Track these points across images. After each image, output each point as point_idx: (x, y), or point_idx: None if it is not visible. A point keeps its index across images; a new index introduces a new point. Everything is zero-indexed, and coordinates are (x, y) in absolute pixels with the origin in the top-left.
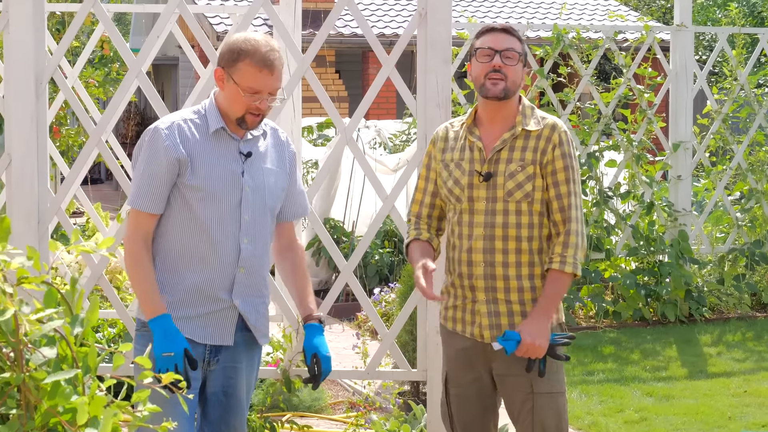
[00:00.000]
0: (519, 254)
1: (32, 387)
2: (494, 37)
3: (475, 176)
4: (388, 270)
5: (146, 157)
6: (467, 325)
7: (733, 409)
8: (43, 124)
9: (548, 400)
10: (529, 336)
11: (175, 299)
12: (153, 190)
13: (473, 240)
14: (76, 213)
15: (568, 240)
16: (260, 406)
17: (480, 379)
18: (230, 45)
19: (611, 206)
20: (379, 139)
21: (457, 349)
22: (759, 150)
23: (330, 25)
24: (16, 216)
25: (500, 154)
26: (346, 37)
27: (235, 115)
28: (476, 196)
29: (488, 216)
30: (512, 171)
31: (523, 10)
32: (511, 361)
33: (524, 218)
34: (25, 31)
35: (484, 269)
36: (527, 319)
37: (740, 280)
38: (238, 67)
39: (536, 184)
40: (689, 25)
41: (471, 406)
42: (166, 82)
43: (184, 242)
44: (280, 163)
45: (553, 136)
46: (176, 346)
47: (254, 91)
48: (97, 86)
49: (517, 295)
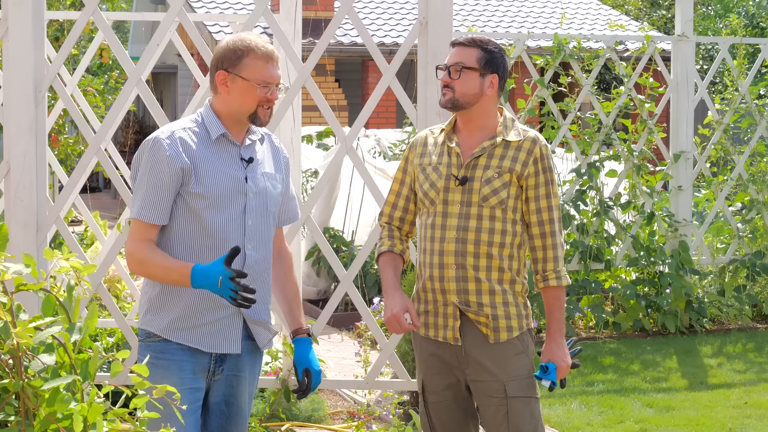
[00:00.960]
0: (489, 259)
1: (31, 394)
2: (450, 53)
3: (451, 180)
4: None
5: (149, 168)
6: (439, 329)
7: (733, 420)
8: (42, 132)
9: (523, 404)
10: (562, 361)
11: (182, 308)
12: (158, 201)
13: (445, 243)
14: (74, 221)
15: (556, 254)
16: (260, 415)
17: (456, 385)
18: (228, 46)
19: (612, 216)
20: (379, 148)
21: (430, 355)
22: (760, 160)
23: (330, 34)
24: (14, 224)
25: (478, 161)
26: (346, 46)
27: (248, 111)
28: (451, 200)
29: (462, 220)
30: (489, 177)
31: (524, 20)
32: (486, 366)
33: (497, 224)
34: (25, 38)
35: (456, 272)
36: (548, 345)
37: (741, 291)
38: (245, 63)
39: (511, 192)
40: (690, 36)
41: (450, 412)
42: (166, 90)
43: (191, 250)
44: (277, 168)
45: (535, 150)
46: (215, 274)
47: (265, 83)
48: (96, 95)
49: (488, 298)
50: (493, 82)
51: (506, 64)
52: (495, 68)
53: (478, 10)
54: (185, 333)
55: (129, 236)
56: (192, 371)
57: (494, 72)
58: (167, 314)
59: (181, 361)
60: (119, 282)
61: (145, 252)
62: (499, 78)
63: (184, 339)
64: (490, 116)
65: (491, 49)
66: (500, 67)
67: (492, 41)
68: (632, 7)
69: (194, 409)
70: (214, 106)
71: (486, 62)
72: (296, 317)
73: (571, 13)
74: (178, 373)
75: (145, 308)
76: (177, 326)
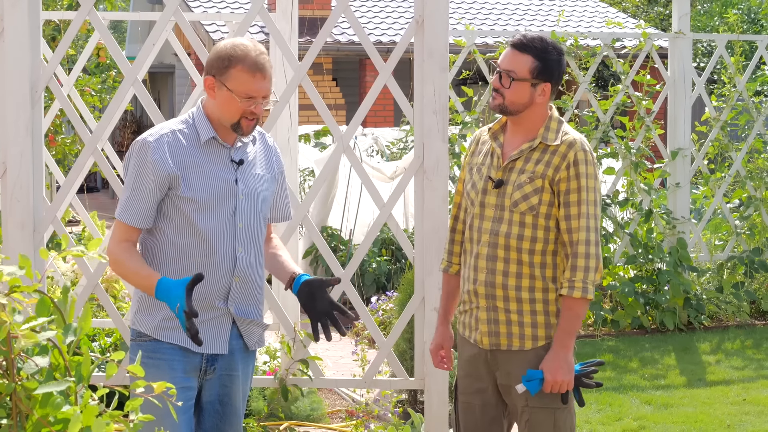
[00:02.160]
0: (520, 266)
1: (23, 396)
2: (504, 54)
3: (488, 182)
4: (386, 278)
5: (135, 171)
6: (472, 331)
7: (731, 417)
8: (38, 133)
9: (543, 414)
10: (550, 373)
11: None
12: (141, 204)
13: (480, 246)
14: (72, 221)
15: (576, 263)
16: (258, 414)
17: (485, 391)
18: (219, 52)
19: (609, 214)
20: (377, 146)
21: (467, 357)
22: (758, 157)
23: (326, 32)
24: (11, 225)
25: (515, 164)
26: (343, 45)
27: (230, 121)
28: (487, 203)
29: (495, 224)
30: (521, 182)
31: (521, 17)
32: (511, 372)
33: (527, 231)
34: (21, 39)
35: (486, 276)
36: (547, 354)
37: (739, 288)
38: (231, 73)
39: (543, 198)
40: (687, 33)
41: (475, 416)
42: (163, 89)
43: (182, 253)
44: (269, 168)
45: (569, 154)
46: (174, 297)
47: (249, 96)
48: (93, 94)
49: (515, 305)
50: (545, 90)
51: (562, 69)
52: (548, 77)
53: (475, 8)
54: (175, 332)
55: (111, 236)
56: (183, 370)
57: (548, 81)
58: (157, 314)
59: (172, 360)
60: (117, 282)
61: (123, 254)
62: (553, 85)
63: (174, 338)
64: (538, 120)
65: (547, 56)
66: (554, 74)
67: (551, 44)
68: (630, 4)
69: (187, 408)
70: (206, 108)
71: (539, 72)
72: (293, 269)
73: (568, 10)
74: (169, 372)
75: (135, 308)
76: (167, 325)
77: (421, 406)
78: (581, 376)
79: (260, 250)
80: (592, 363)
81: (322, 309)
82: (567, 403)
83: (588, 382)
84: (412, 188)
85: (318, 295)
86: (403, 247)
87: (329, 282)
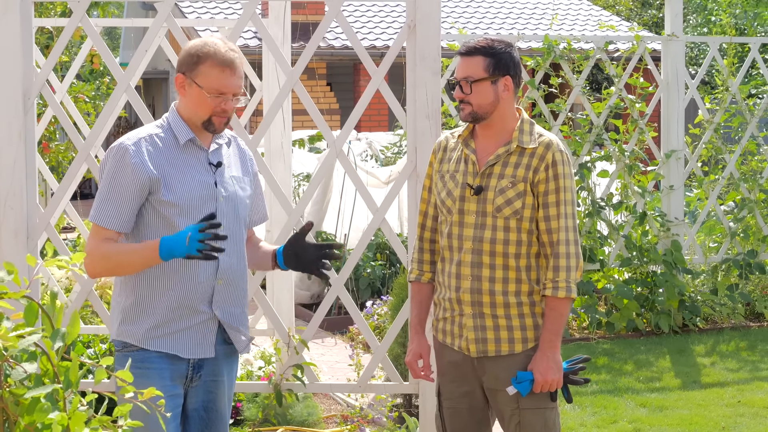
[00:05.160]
0: (506, 270)
1: (11, 402)
2: (457, 65)
3: (466, 189)
4: (380, 283)
5: (112, 174)
6: (455, 338)
7: (726, 419)
8: (31, 140)
9: (534, 415)
10: (540, 374)
11: (158, 316)
12: (120, 208)
13: (462, 253)
14: (66, 228)
15: (558, 264)
16: (253, 421)
17: (472, 393)
18: (189, 50)
19: (604, 217)
20: (371, 151)
21: (448, 362)
22: (751, 159)
23: (319, 37)
24: (4, 232)
25: (493, 169)
26: (337, 50)
27: (201, 119)
28: (467, 210)
29: (477, 230)
30: (503, 187)
31: (515, 21)
32: (500, 376)
33: (512, 235)
34: (13, 45)
35: (471, 283)
36: (535, 355)
37: (734, 290)
38: (200, 70)
39: (526, 201)
40: (680, 35)
41: (463, 420)
42: (157, 95)
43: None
44: (244, 170)
45: (547, 155)
46: (183, 234)
47: (219, 93)
48: (87, 101)
49: (503, 310)
50: (507, 85)
51: (516, 60)
52: (505, 69)
53: (469, 12)
54: (163, 340)
55: (87, 240)
56: (171, 378)
57: (506, 74)
58: (143, 323)
59: (161, 368)
60: (110, 288)
61: (106, 247)
62: (513, 77)
63: (162, 346)
64: (508, 120)
65: (495, 50)
66: (510, 66)
67: (495, 41)
68: (623, 7)
69: (175, 416)
70: (179, 109)
71: (494, 67)
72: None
73: (561, 14)
74: (158, 381)
75: (119, 319)
76: (154, 334)
77: (416, 410)
78: (569, 373)
79: (242, 252)
80: (579, 360)
81: (311, 258)
82: (555, 401)
83: (576, 379)
84: (405, 193)
85: (300, 252)
86: (396, 252)
87: (303, 231)
